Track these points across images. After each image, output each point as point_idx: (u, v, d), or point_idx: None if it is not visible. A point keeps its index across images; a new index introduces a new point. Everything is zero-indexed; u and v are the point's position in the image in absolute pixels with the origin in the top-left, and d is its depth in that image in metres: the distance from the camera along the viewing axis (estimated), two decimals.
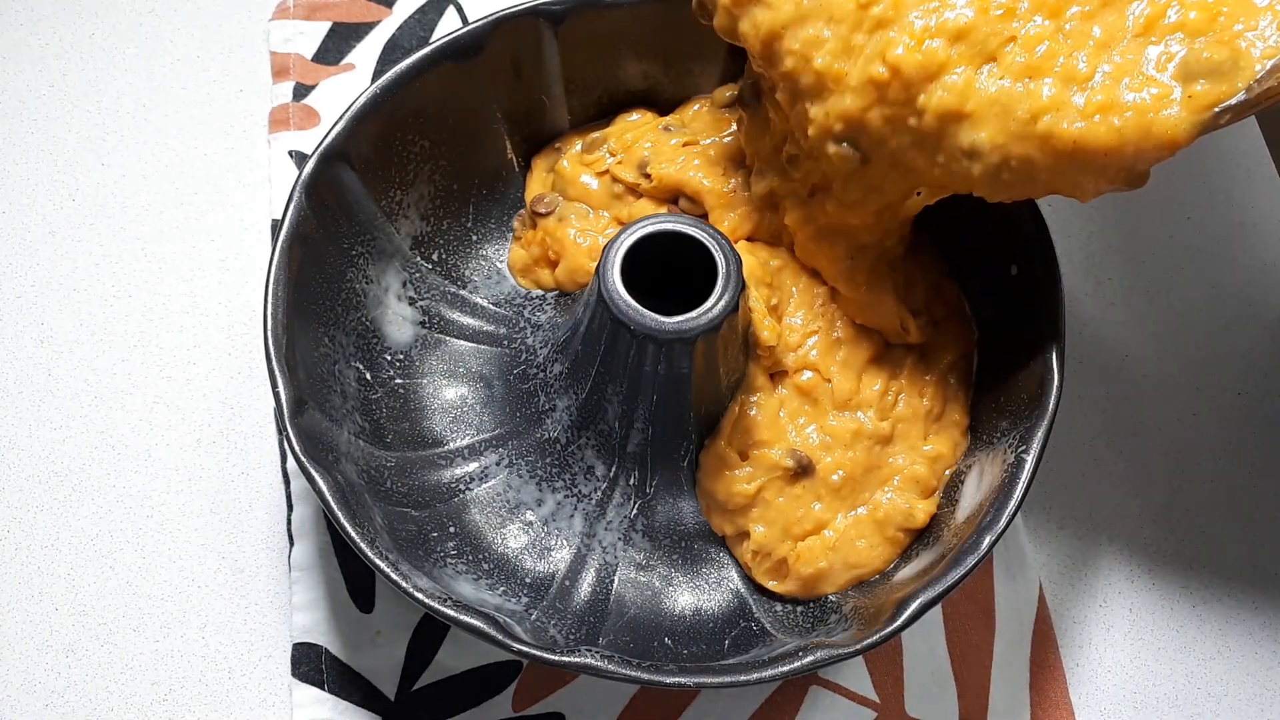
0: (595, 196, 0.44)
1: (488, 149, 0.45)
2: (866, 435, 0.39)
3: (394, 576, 0.34)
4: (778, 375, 0.40)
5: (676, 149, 0.43)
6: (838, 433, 0.40)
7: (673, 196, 0.43)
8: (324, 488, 0.35)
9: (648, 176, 0.43)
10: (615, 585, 0.40)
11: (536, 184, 0.46)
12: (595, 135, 0.45)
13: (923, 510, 0.39)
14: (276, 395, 0.36)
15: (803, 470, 0.39)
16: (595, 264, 0.42)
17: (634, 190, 0.44)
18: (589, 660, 0.34)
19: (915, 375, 0.41)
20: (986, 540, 0.35)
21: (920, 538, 0.39)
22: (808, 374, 0.40)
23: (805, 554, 0.39)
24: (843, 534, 0.39)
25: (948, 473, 0.40)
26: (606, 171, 0.44)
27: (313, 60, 0.51)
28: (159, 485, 0.44)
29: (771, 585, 0.40)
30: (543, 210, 0.44)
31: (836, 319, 0.41)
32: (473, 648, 0.41)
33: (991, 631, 0.43)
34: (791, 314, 0.41)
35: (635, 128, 0.45)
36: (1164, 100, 0.30)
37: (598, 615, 0.39)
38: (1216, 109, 0.29)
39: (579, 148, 0.45)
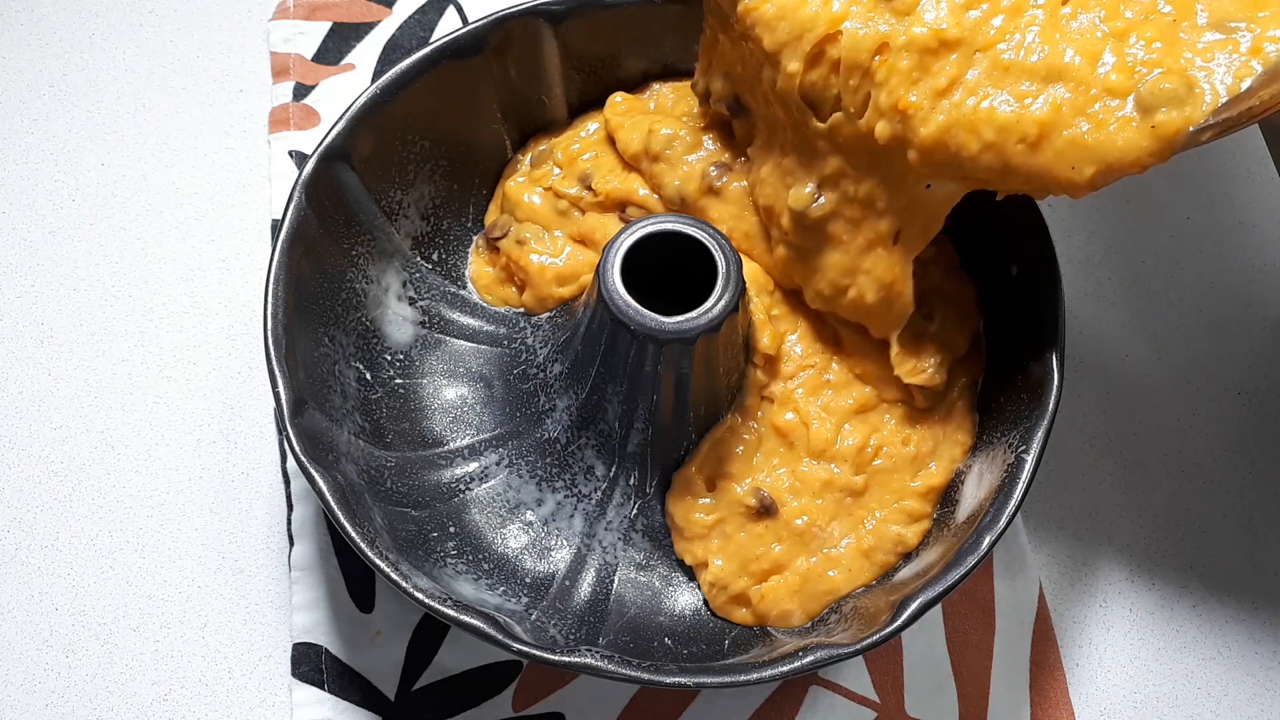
0: (541, 214, 0.43)
1: (488, 149, 0.45)
2: (838, 487, 0.39)
3: (394, 576, 0.35)
4: (766, 399, 0.40)
5: (617, 159, 0.43)
6: (808, 479, 0.39)
7: (620, 206, 0.42)
8: (324, 488, 0.35)
9: (591, 190, 0.43)
10: (615, 585, 0.40)
11: (495, 207, 0.45)
12: (543, 148, 0.45)
13: (915, 533, 0.39)
14: (276, 395, 0.36)
15: (765, 510, 0.39)
16: (564, 288, 0.42)
17: (577, 205, 0.43)
18: (589, 660, 0.34)
19: (903, 425, 0.40)
20: (986, 540, 0.35)
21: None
22: (789, 415, 0.40)
23: (770, 594, 0.38)
24: (807, 574, 0.38)
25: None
26: (551, 187, 0.43)
27: (313, 60, 0.51)
28: (159, 485, 0.44)
29: (739, 616, 0.39)
30: (497, 235, 0.43)
31: (834, 360, 0.40)
32: (473, 648, 0.41)
33: (991, 631, 0.43)
34: (794, 343, 0.41)
35: (586, 132, 0.44)
36: (1123, 129, 0.31)
37: (598, 615, 0.39)
38: (1192, 128, 0.30)
39: (528, 162, 0.45)
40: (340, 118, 0.40)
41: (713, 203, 0.41)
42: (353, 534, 0.35)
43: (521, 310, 0.44)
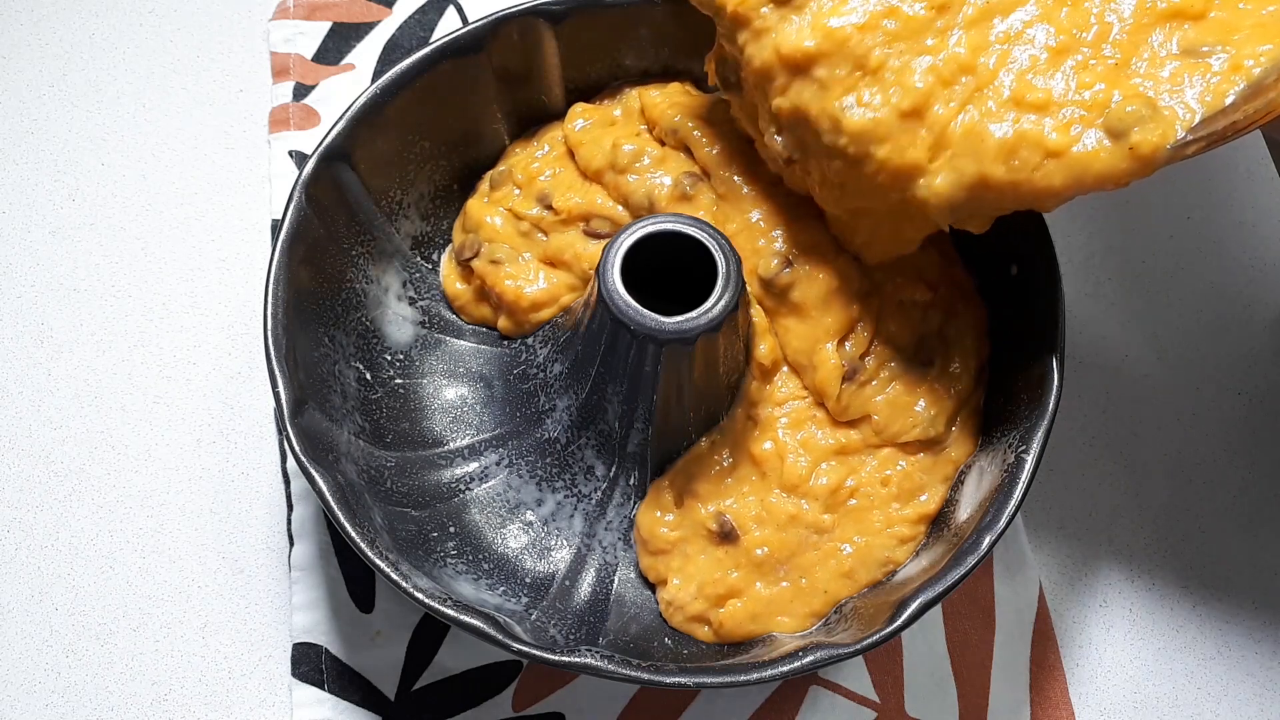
0: (505, 235, 0.43)
1: (488, 149, 0.45)
2: (804, 523, 0.38)
3: (394, 576, 0.35)
4: (751, 420, 0.40)
5: (578, 174, 0.43)
6: (775, 511, 0.38)
7: (583, 220, 0.42)
8: (324, 488, 0.35)
9: (551, 209, 0.42)
10: (615, 585, 0.40)
11: (459, 225, 0.45)
12: (502, 169, 0.44)
13: (905, 552, 0.39)
14: (276, 395, 0.36)
15: (725, 537, 0.38)
16: (542, 312, 0.42)
17: (539, 226, 0.42)
18: (589, 660, 0.34)
19: (887, 465, 0.39)
20: (986, 540, 0.35)
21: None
22: (768, 444, 0.39)
23: (728, 620, 0.38)
24: (769, 601, 0.38)
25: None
26: (512, 209, 0.43)
27: (313, 60, 0.51)
28: (159, 485, 0.44)
29: (701, 634, 0.39)
30: (468, 256, 0.43)
31: None
32: (473, 648, 0.41)
33: (991, 631, 0.43)
34: (789, 373, 0.40)
35: (544, 150, 0.44)
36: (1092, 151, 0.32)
37: (598, 615, 0.39)
38: (1170, 145, 0.31)
39: (488, 184, 0.44)
40: (340, 118, 0.40)
41: (683, 208, 0.40)
42: (353, 534, 0.35)
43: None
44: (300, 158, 0.49)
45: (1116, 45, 0.32)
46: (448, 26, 0.52)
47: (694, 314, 0.36)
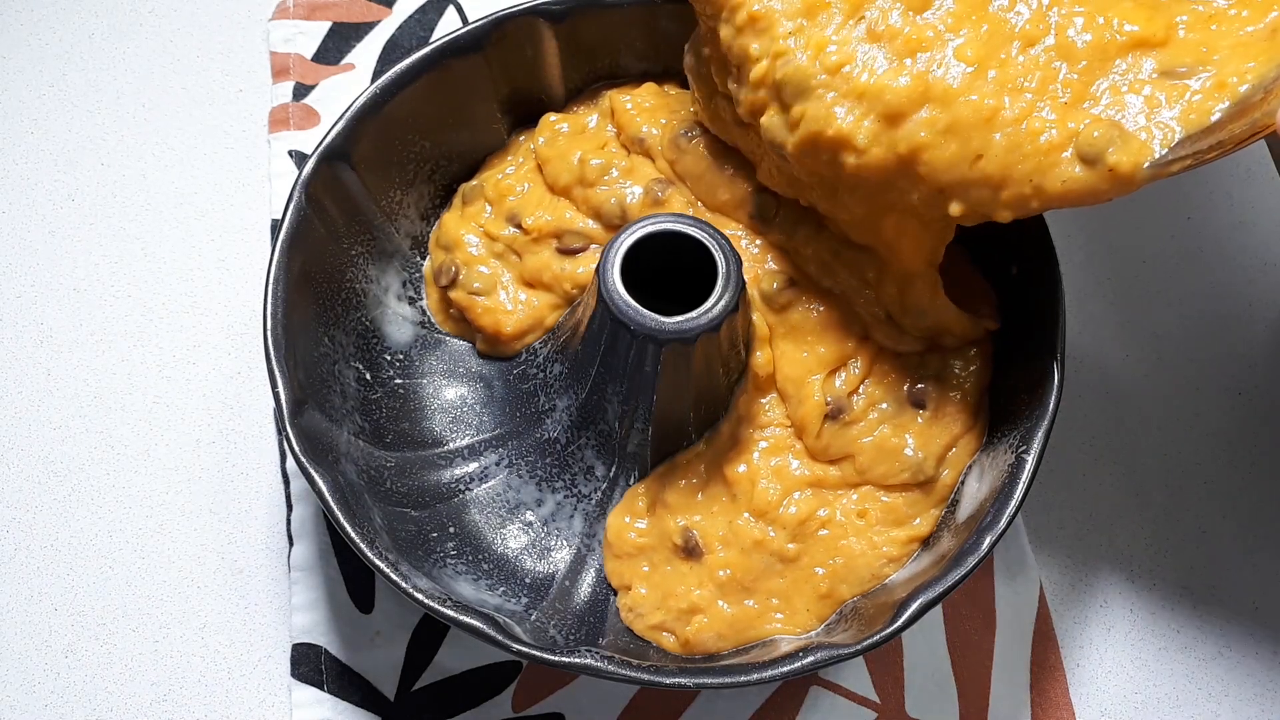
0: (480, 258, 0.42)
1: (488, 148, 0.45)
2: (768, 550, 0.38)
3: (394, 577, 0.35)
4: (732, 439, 0.39)
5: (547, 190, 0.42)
6: (741, 534, 0.38)
7: (555, 236, 0.42)
8: (324, 488, 0.35)
9: (521, 228, 0.42)
10: None
11: (435, 243, 0.44)
12: (474, 183, 0.44)
13: (894, 569, 0.38)
14: (276, 395, 0.36)
15: (689, 552, 0.38)
16: (526, 339, 0.42)
17: (512, 248, 0.42)
18: (589, 661, 0.34)
19: (866, 500, 0.39)
20: (987, 540, 0.35)
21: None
22: (742, 467, 0.39)
23: (694, 637, 0.38)
24: (732, 621, 0.38)
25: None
26: (485, 229, 0.43)
27: (313, 60, 0.51)
28: (159, 485, 0.44)
29: (667, 643, 0.38)
30: (445, 283, 0.42)
31: None
32: (473, 648, 0.41)
33: (992, 631, 0.43)
34: (774, 400, 0.40)
35: (514, 166, 0.44)
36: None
37: (598, 615, 0.39)
38: (1146, 164, 0.31)
39: (460, 199, 0.44)
40: (340, 117, 0.40)
41: (656, 212, 0.40)
42: (352, 534, 0.35)
43: None
44: (300, 158, 0.49)
45: (1067, 85, 0.32)
46: (448, 26, 0.52)
47: (694, 314, 0.36)
